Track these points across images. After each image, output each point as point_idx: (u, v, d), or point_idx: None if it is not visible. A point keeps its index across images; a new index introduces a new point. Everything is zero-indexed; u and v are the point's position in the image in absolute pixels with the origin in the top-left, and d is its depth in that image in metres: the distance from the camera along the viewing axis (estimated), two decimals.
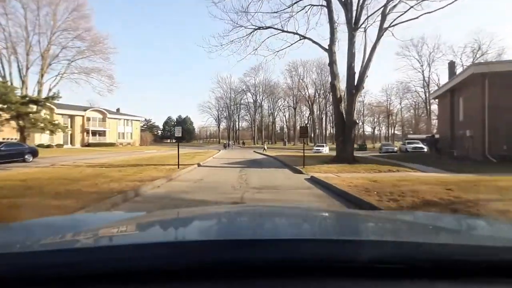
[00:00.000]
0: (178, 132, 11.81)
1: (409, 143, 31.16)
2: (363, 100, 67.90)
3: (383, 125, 78.61)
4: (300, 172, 11.19)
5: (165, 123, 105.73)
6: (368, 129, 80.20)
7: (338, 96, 13.98)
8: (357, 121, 13.44)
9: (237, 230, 1.17)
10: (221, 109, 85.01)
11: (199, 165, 14.09)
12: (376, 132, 79.74)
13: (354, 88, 13.34)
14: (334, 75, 13.97)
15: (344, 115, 13.86)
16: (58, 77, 30.83)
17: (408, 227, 1.28)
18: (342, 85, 14.50)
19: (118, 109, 55.95)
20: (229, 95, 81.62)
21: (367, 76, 13.36)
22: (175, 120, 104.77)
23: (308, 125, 79.41)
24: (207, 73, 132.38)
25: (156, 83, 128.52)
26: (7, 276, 0.67)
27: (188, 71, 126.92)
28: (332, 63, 13.97)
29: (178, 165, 11.98)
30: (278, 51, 17.01)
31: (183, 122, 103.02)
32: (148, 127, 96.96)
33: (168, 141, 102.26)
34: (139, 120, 55.78)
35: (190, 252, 0.75)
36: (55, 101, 25.56)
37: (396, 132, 75.63)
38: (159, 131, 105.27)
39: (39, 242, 0.92)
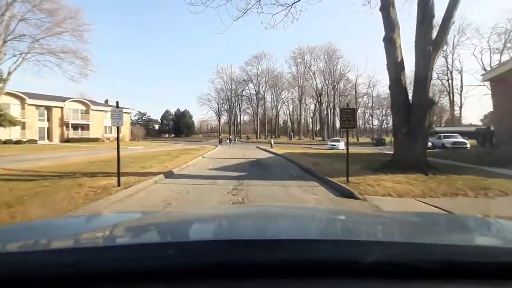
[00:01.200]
0: (118, 120, 6.28)
1: (445, 137, 25.55)
2: (372, 92, 62.09)
3: (390, 118, 72.98)
4: (350, 195, 5.71)
5: (163, 117, 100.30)
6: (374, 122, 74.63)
7: (399, 59, 8.39)
8: (435, 101, 7.59)
9: (242, 230, 1.16)
10: (221, 101, 79.15)
11: (167, 175, 8.59)
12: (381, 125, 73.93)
13: (431, 43, 7.78)
14: (392, 23, 8.32)
15: (411, 91, 8.35)
16: (20, 58, 25.24)
17: (416, 228, 1.25)
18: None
19: (106, 101, 50.42)
20: (229, 86, 75.78)
21: (453, 23, 7.85)
22: (173, 113, 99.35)
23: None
24: (207, 64, 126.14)
25: (154, 76, 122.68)
26: (10, 276, 0.67)
27: (187, 64, 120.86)
28: (388, 4, 8.37)
29: (118, 180, 6.43)
30: (293, 4, 11.35)
31: (182, 116, 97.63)
32: (144, 121, 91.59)
33: (167, 135, 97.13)
34: (129, 113, 50.23)
35: (194, 252, 0.74)
36: (5, 85, 20.09)
37: None
38: (157, 125, 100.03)
39: (41, 242, 0.93)
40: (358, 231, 1.22)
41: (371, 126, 74.70)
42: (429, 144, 25.44)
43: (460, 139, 24.60)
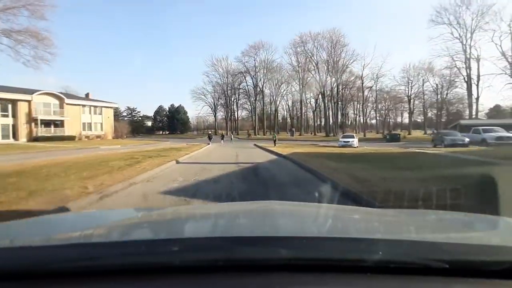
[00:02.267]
0: None
1: (485, 131, 20.86)
2: (375, 85, 57.28)
3: (391, 112, 68.39)
4: None
5: (156, 113, 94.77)
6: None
7: None
8: None
9: (247, 227, 1.16)
10: (217, 95, 73.82)
11: None
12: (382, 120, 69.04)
13: None
14: None
15: None
16: None
17: (423, 226, 1.24)
18: None
19: (87, 94, 45.36)
20: (225, 80, 70.52)
21: None
22: (167, 109, 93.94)
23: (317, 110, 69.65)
24: (203, 57, 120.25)
25: (148, 71, 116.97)
26: (12, 271, 0.67)
27: (182, 58, 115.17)
28: None
29: None
30: None
31: (176, 112, 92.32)
32: (134, 117, 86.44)
33: (161, 132, 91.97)
34: (111, 107, 44.93)
35: (200, 248, 0.74)
36: None
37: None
38: (150, 122, 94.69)
39: (48, 238, 0.93)
40: (364, 228, 1.22)
41: (375, 121, 70.02)
42: (466, 140, 20.82)
43: (505, 133, 19.98)
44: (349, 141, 23.15)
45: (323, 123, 74.42)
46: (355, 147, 22.64)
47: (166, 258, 0.69)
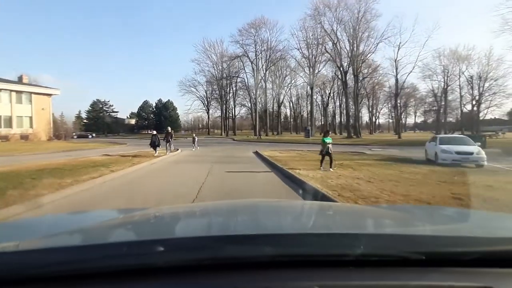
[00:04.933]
0: None
1: None
2: (396, 77, 43.92)
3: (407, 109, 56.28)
4: None
5: (141, 109, 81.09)
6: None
7: None
8: None
9: (232, 226, 1.17)
10: (210, 88, 60.51)
11: None
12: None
13: None
14: None
15: None
16: None
17: (402, 220, 1.28)
18: None
19: (20, 77, 32.19)
20: (220, 68, 57.24)
21: None
22: (154, 105, 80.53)
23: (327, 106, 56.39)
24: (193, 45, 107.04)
25: (135, 66, 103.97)
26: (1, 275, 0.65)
27: (175, 54, 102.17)
28: None
29: None
30: None
31: (164, 108, 78.90)
32: (107, 112, 73.00)
33: (146, 131, 78.80)
34: (48, 94, 31.39)
35: (186, 248, 0.73)
36: None
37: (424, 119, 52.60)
38: (133, 120, 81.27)
39: (29, 241, 0.91)
40: (346, 224, 1.23)
41: (390, 120, 57.69)
42: None
43: None
44: (469, 154, 10.11)
45: (334, 122, 62.71)
46: (483, 164, 9.81)
47: (150, 259, 0.68)
